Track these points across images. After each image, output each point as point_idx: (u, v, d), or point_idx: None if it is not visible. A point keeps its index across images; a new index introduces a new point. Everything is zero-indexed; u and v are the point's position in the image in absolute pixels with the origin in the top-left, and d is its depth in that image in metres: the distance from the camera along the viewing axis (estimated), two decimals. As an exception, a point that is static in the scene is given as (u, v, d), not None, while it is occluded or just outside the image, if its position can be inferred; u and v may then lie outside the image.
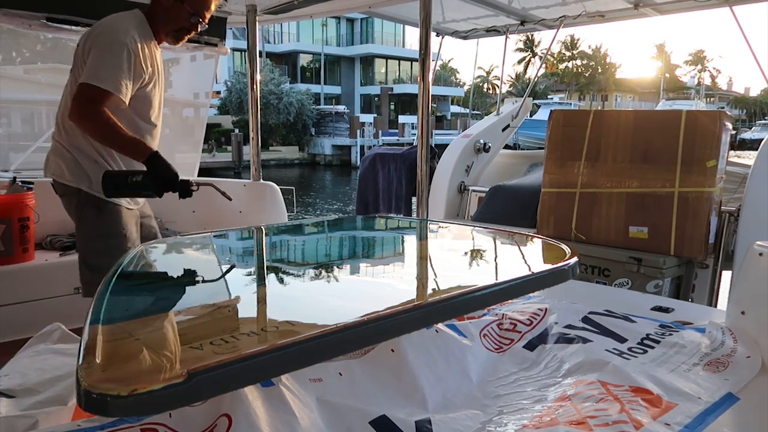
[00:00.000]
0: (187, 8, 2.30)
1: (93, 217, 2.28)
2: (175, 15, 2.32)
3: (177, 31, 2.36)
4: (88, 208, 2.27)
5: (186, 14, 2.31)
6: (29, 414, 1.13)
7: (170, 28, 2.35)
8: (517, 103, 5.09)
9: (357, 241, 2.06)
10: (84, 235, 2.33)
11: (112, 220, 2.30)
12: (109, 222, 2.29)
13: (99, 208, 2.27)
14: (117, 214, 2.31)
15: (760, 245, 1.48)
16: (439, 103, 44.20)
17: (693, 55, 64.32)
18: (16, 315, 3.06)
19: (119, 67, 2.13)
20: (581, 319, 1.54)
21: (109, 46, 2.15)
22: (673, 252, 3.02)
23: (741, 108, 63.79)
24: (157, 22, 2.33)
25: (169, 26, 2.34)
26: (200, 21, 2.35)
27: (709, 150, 2.97)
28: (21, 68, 4.99)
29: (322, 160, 33.33)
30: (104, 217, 2.28)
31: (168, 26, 2.34)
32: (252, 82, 4.10)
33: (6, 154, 4.45)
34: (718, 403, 1.12)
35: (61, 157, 2.27)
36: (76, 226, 2.34)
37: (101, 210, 2.27)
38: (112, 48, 2.14)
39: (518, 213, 3.94)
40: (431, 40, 3.15)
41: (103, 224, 2.28)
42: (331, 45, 42.09)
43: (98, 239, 2.29)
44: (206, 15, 2.37)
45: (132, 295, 1.23)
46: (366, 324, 0.91)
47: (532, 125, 22.69)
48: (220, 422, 0.92)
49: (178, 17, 2.32)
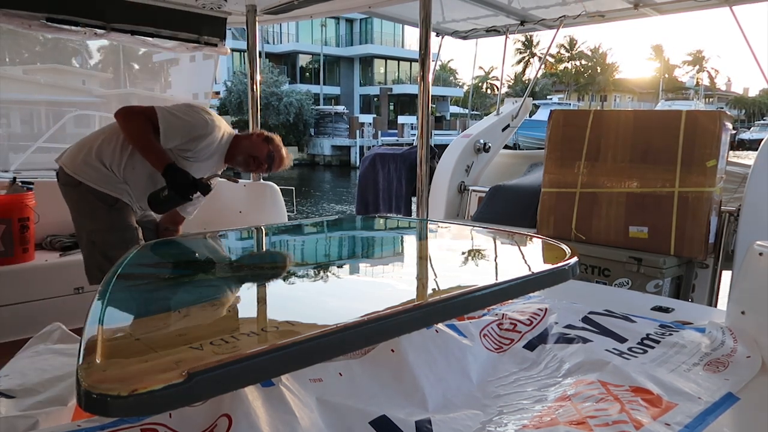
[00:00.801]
0: (268, 148, 2.72)
1: (106, 211, 2.49)
2: (256, 148, 2.70)
3: (252, 157, 2.71)
4: (100, 203, 2.48)
5: (265, 152, 2.71)
6: (29, 414, 1.13)
7: (246, 153, 2.72)
8: (516, 103, 5.09)
9: (357, 241, 2.06)
10: (99, 229, 2.50)
11: (122, 215, 2.53)
12: (120, 217, 2.52)
13: (109, 204, 2.48)
14: (126, 210, 2.54)
15: (760, 245, 1.48)
16: (439, 104, 44.16)
17: (691, 55, 64.34)
18: (16, 315, 3.06)
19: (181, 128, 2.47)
20: (581, 319, 1.54)
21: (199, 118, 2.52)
22: (673, 252, 3.02)
23: (740, 108, 63.79)
24: (238, 145, 2.72)
25: (246, 151, 2.72)
26: (269, 162, 2.72)
27: (709, 150, 2.97)
28: (20, 68, 5.00)
29: (321, 160, 33.30)
30: (115, 213, 2.50)
31: (246, 151, 2.72)
32: (252, 82, 4.10)
33: (6, 155, 4.45)
34: (718, 403, 1.12)
35: (79, 151, 2.51)
36: (81, 219, 2.53)
37: (112, 206, 2.49)
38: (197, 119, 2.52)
39: (518, 213, 3.94)
40: (431, 40, 3.15)
41: (115, 219, 2.50)
42: (331, 45, 42.04)
43: (114, 232, 2.50)
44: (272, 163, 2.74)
45: (132, 295, 1.23)
46: (366, 324, 0.91)
47: (532, 125, 22.65)
48: (220, 422, 0.92)
49: (257, 149, 2.70)
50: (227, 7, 4.01)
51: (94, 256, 2.50)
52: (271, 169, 2.75)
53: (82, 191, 2.46)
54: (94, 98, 5.11)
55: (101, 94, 5.24)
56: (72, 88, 5.12)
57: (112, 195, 2.49)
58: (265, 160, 2.69)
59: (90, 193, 2.46)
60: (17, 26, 3.42)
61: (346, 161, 31.95)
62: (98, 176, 2.46)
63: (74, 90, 5.11)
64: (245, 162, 2.71)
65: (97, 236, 2.50)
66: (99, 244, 2.49)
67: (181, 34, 4.00)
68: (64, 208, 2.54)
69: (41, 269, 3.29)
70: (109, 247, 2.46)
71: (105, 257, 2.45)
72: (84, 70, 5.53)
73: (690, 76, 63.36)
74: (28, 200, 3.31)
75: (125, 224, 2.52)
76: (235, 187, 4.17)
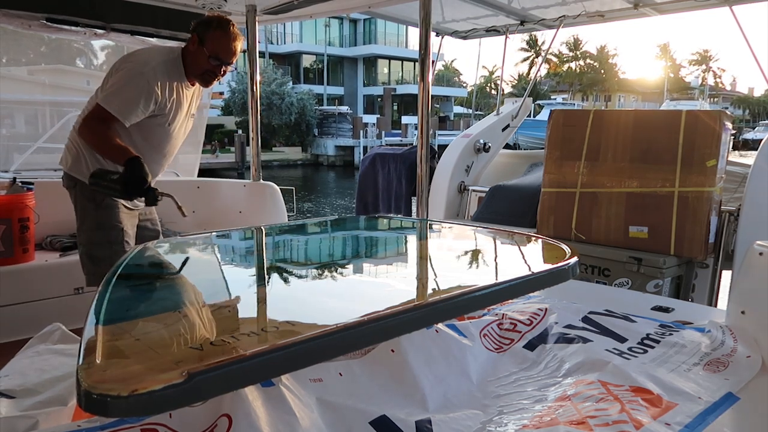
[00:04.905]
0: (206, 52, 2.41)
1: (92, 210, 2.43)
2: (197, 59, 2.44)
3: (201, 74, 2.48)
4: (88, 202, 2.43)
5: (205, 58, 2.42)
6: (29, 414, 1.13)
7: (195, 72, 2.48)
8: (517, 103, 5.09)
9: (357, 241, 2.06)
10: (85, 228, 2.46)
11: (111, 213, 2.44)
12: (107, 215, 2.44)
13: (97, 203, 2.42)
14: (115, 208, 2.46)
15: (760, 245, 1.48)
16: (442, 104, 44.13)
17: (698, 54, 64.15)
18: (16, 315, 3.06)
19: (131, 98, 2.30)
20: (581, 319, 1.54)
21: (131, 76, 2.32)
22: (673, 252, 3.02)
23: (744, 108, 63.72)
24: (186, 64, 2.47)
25: (194, 69, 2.47)
26: (220, 63, 2.45)
27: (709, 150, 2.97)
28: (25, 69, 5.01)
29: (325, 160, 33.27)
30: (102, 211, 2.43)
31: (193, 69, 2.47)
32: (252, 82, 4.10)
33: (11, 155, 4.45)
34: (718, 402, 1.12)
35: (69, 151, 2.48)
36: (77, 220, 2.48)
37: (99, 204, 2.42)
38: (132, 78, 2.31)
39: (518, 213, 3.94)
40: (431, 40, 3.15)
41: (101, 217, 2.43)
42: (334, 45, 42.06)
43: (98, 230, 2.43)
44: (226, 57, 2.45)
45: (132, 295, 1.23)
46: (366, 324, 0.91)
47: (534, 125, 22.68)
48: (220, 422, 0.92)
49: (198, 61, 2.44)
50: (227, 7, 4.00)
51: (81, 256, 2.48)
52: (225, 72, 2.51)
53: (77, 192, 2.44)
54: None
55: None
56: (76, 89, 5.12)
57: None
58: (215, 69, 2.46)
59: (81, 194, 2.43)
60: (17, 26, 3.42)
61: (350, 161, 31.90)
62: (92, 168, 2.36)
63: (78, 90, 5.12)
64: (204, 80, 2.51)
65: (82, 236, 2.47)
66: (85, 243, 2.46)
67: (181, 34, 4.00)
68: (63, 208, 2.54)
69: (41, 269, 3.29)
70: (94, 246, 2.43)
71: (89, 257, 2.43)
72: (88, 71, 5.53)
73: (695, 75, 63.33)
74: (28, 200, 3.31)
75: (111, 223, 2.44)
76: (235, 187, 4.18)
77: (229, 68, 2.51)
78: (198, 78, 2.51)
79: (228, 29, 2.43)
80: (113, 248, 2.40)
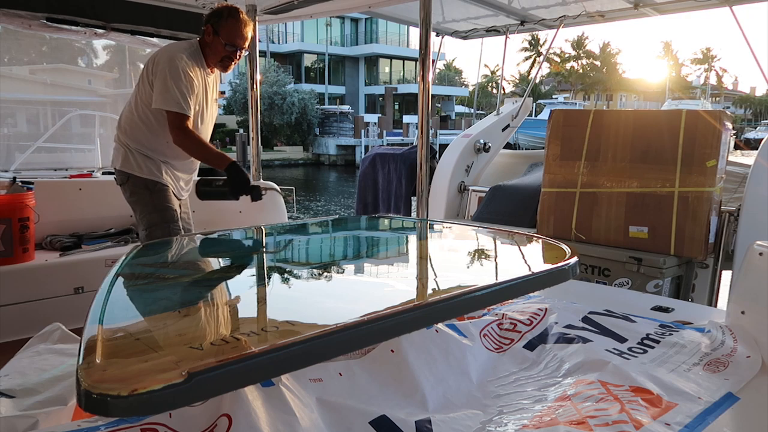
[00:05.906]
0: (221, 40, 2.66)
1: (147, 196, 2.70)
2: (214, 48, 2.68)
3: (221, 61, 2.72)
4: (142, 190, 2.70)
5: (221, 46, 2.67)
6: (29, 414, 1.13)
7: (215, 60, 2.73)
8: (517, 103, 5.09)
9: (357, 241, 2.06)
10: (144, 213, 2.71)
11: (163, 197, 2.73)
12: (160, 198, 2.72)
13: (150, 189, 2.70)
14: (166, 192, 2.74)
15: (760, 245, 1.48)
16: (444, 103, 44.08)
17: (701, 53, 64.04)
18: (16, 315, 3.06)
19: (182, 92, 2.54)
20: (581, 319, 1.54)
21: (173, 72, 2.54)
22: (673, 252, 3.02)
23: (746, 107, 63.63)
24: (206, 54, 2.72)
25: (213, 58, 2.72)
26: (236, 49, 2.69)
27: (709, 150, 2.97)
28: (27, 68, 5.01)
29: (326, 160, 33.24)
30: (156, 195, 2.71)
31: (212, 58, 2.72)
32: (252, 82, 4.10)
33: (12, 154, 4.46)
34: (718, 402, 1.12)
35: (117, 151, 2.74)
36: (134, 210, 2.74)
37: (152, 190, 2.70)
38: (174, 74, 2.54)
39: (518, 213, 3.94)
40: (431, 40, 3.15)
41: (155, 201, 2.71)
42: (336, 45, 42.05)
43: (155, 213, 2.69)
44: (240, 42, 2.70)
45: (132, 295, 1.23)
46: (366, 324, 0.91)
47: (535, 125, 22.69)
48: (220, 422, 0.92)
49: (216, 50, 2.68)
50: (227, 7, 4.01)
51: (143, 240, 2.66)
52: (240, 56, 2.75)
53: (131, 184, 2.69)
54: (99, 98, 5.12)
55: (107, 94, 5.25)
56: (78, 88, 5.13)
57: (151, 179, 2.68)
58: (232, 55, 2.70)
59: (134, 185, 2.68)
60: (17, 26, 3.43)
61: (351, 161, 31.86)
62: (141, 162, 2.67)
63: (80, 90, 5.12)
64: (223, 66, 2.76)
65: (143, 220, 2.69)
66: (145, 227, 2.68)
67: (181, 34, 4.01)
68: (64, 208, 2.55)
69: (41, 269, 3.29)
70: (153, 228, 2.66)
71: (151, 239, 2.60)
72: (90, 70, 5.54)
73: (697, 75, 63.23)
74: (28, 200, 3.31)
75: (164, 205, 2.70)
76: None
77: (243, 52, 2.74)
78: (218, 65, 2.74)
79: (238, 16, 2.67)
80: (170, 227, 2.68)
